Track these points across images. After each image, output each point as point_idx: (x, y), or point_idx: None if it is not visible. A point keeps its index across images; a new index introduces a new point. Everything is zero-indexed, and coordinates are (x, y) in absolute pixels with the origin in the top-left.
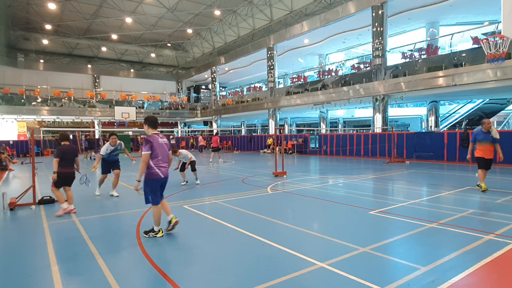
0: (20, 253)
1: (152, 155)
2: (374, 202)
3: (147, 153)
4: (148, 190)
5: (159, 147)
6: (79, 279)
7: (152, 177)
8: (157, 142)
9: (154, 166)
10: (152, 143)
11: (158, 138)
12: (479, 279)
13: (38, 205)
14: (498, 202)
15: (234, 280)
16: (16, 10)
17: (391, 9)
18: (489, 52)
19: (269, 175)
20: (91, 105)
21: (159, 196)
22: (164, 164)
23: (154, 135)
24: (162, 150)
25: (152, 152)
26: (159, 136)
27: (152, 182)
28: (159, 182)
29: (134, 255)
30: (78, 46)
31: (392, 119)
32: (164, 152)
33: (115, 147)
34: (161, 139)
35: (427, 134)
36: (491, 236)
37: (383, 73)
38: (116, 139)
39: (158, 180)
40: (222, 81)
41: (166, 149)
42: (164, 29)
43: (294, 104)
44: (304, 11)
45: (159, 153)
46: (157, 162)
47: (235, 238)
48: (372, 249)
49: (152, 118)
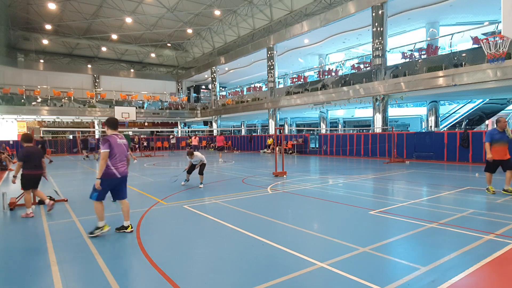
0: (20, 253)
1: (110, 155)
2: (374, 202)
3: (106, 151)
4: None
5: (117, 147)
6: (79, 279)
7: (108, 177)
8: (115, 142)
9: (111, 165)
10: (110, 142)
11: (117, 139)
12: (479, 279)
13: (38, 205)
14: (498, 202)
15: (234, 280)
16: (16, 10)
17: (391, 9)
18: (489, 52)
19: (269, 175)
20: (91, 105)
21: (105, 195)
22: (121, 163)
23: (113, 135)
24: (120, 150)
25: (110, 151)
26: (118, 136)
27: (106, 182)
28: (114, 181)
29: (134, 255)
30: (78, 46)
31: (392, 119)
32: (122, 152)
33: None
34: (119, 140)
35: (427, 134)
36: (491, 236)
37: (383, 73)
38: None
39: (113, 180)
40: (222, 81)
41: (124, 149)
42: (164, 29)
43: (294, 104)
44: (304, 11)
45: (117, 153)
46: (114, 162)
47: (235, 238)
48: (372, 249)
49: (112, 119)
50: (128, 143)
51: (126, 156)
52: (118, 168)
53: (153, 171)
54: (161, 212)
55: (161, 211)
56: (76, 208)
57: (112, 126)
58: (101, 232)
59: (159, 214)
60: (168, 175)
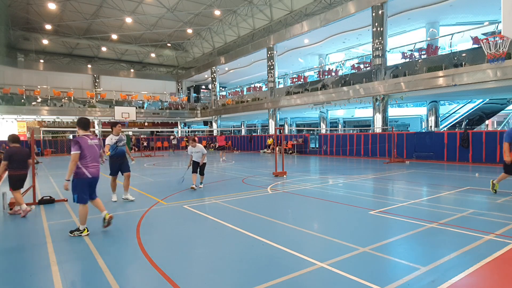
0: (20, 253)
1: (80, 156)
2: (374, 202)
3: (76, 153)
4: (75, 189)
5: (87, 148)
6: (79, 279)
7: (79, 177)
8: (85, 143)
9: (81, 166)
10: (80, 144)
11: (88, 140)
12: (479, 279)
13: (38, 205)
14: (498, 202)
15: (234, 280)
16: (16, 10)
17: (391, 9)
18: (489, 52)
19: (269, 175)
20: (91, 105)
21: (87, 195)
22: (92, 164)
23: (84, 136)
24: (91, 151)
25: (80, 152)
26: (89, 137)
27: (79, 182)
28: (87, 181)
29: (134, 255)
30: (78, 46)
31: (392, 119)
32: (94, 152)
33: (119, 137)
34: (90, 140)
35: (427, 134)
36: (491, 236)
37: (383, 73)
38: (120, 128)
39: (85, 180)
40: (222, 81)
41: (96, 150)
42: (164, 29)
43: (294, 104)
44: (304, 11)
45: (87, 154)
46: (85, 163)
47: (235, 238)
48: (372, 249)
49: (83, 120)
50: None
51: (98, 156)
52: (88, 168)
53: (153, 171)
54: (161, 212)
55: (161, 211)
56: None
57: (83, 126)
58: (79, 234)
59: (159, 214)
60: (168, 175)
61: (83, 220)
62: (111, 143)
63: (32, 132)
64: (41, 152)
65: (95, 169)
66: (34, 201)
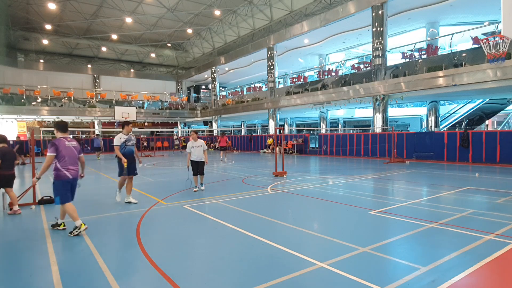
0: (20, 253)
1: (59, 158)
2: (374, 202)
3: (51, 155)
4: (58, 191)
5: (65, 150)
6: (79, 279)
7: (61, 178)
8: (63, 145)
9: (61, 168)
10: (56, 146)
11: (65, 142)
12: (479, 279)
13: (38, 205)
14: (498, 202)
15: (234, 280)
16: (16, 10)
17: (391, 9)
18: (489, 52)
19: (269, 175)
20: (91, 105)
21: (70, 196)
22: (72, 166)
23: (61, 139)
24: (68, 153)
25: (57, 154)
26: (66, 139)
27: (60, 183)
28: (68, 182)
29: (134, 255)
30: (78, 46)
31: (392, 119)
32: (72, 154)
33: (129, 136)
34: (68, 142)
35: (427, 134)
36: (491, 236)
37: (383, 73)
38: (131, 128)
39: (67, 181)
40: (222, 81)
41: (74, 152)
42: (164, 29)
43: (294, 104)
44: (304, 11)
45: (65, 156)
46: (64, 164)
47: (235, 238)
48: (372, 249)
49: (60, 123)
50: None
51: (77, 158)
52: (69, 170)
53: (153, 171)
54: (161, 212)
55: (161, 211)
56: (76, 208)
57: (61, 129)
58: (78, 231)
59: (159, 214)
60: (168, 175)
61: (75, 216)
62: (119, 143)
63: (32, 132)
64: (41, 152)
65: (75, 171)
66: (34, 201)
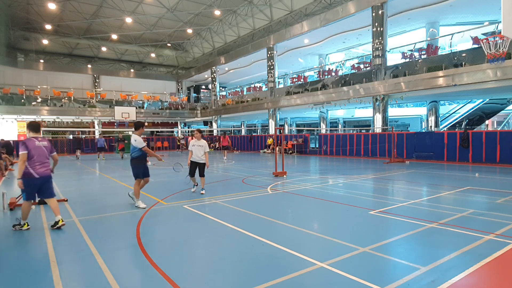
0: (20, 253)
1: (28, 156)
2: (374, 202)
3: (23, 153)
4: (24, 188)
5: (34, 149)
6: (79, 279)
7: (26, 177)
8: (33, 144)
9: (28, 167)
10: (26, 145)
11: (35, 141)
12: (479, 279)
13: (38, 205)
14: (498, 202)
15: (234, 280)
16: (16, 10)
17: (391, 9)
18: (489, 52)
19: (269, 175)
20: (91, 105)
21: (35, 193)
22: (39, 165)
23: (32, 138)
24: (38, 152)
25: (28, 152)
26: (37, 139)
27: (25, 182)
28: (34, 181)
29: (134, 255)
30: (78, 46)
31: (392, 119)
32: (41, 154)
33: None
34: (38, 142)
35: (427, 134)
36: (491, 236)
37: (383, 73)
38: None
39: (32, 180)
40: (222, 81)
41: (44, 151)
42: (164, 29)
43: (294, 104)
44: (304, 11)
45: (34, 155)
46: (32, 163)
47: (235, 238)
48: (372, 249)
49: (32, 123)
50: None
51: (47, 157)
52: (35, 168)
53: (153, 171)
54: (161, 212)
55: (161, 211)
56: (76, 208)
57: (32, 129)
58: (19, 228)
59: (159, 214)
60: (168, 175)
61: (26, 216)
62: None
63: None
64: None
65: (43, 169)
66: (34, 201)
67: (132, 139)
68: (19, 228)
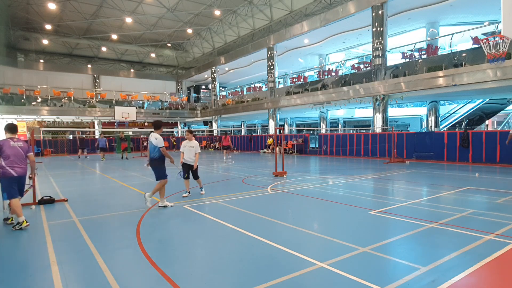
0: (20, 253)
1: (4, 157)
2: (374, 202)
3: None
4: (5, 188)
5: (10, 149)
6: (79, 279)
7: (5, 176)
8: (8, 145)
9: (6, 166)
10: (1, 146)
11: (11, 142)
12: (479, 279)
13: (38, 205)
14: (498, 202)
15: (234, 280)
16: (16, 10)
17: (391, 9)
18: (489, 52)
19: (269, 175)
20: (91, 105)
21: (16, 191)
22: (17, 164)
23: (7, 139)
24: (14, 152)
25: (2, 153)
26: (13, 140)
27: (6, 181)
28: (13, 179)
29: (134, 255)
30: (78, 46)
31: (392, 119)
32: (17, 154)
33: None
34: (13, 143)
35: (427, 134)
36: (491, 236)
37: (383, 73)
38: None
39: (12, 178)
40: (222, 81)
41: (20, 151)
42: (164, 29)
43: (294, 104)
44: (304, 11)
45: (11, 155)
46: (10, 163)
47: (235, 238)
48: (372, 249)
49: (9, 125)
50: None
51: (24, 158)
52: (14, 168)
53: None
54: (161, 212)
55: (161, 211)
56: (76, 208)
57: (9, 130)
58: (19, 226)
59: (159, 214)
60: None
61: (19, 212)
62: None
63: (32, 132)
64: (41, 152)
65: (20, 169)
66: (34, 201)
67: (153, 138)
68: (19, 227)
